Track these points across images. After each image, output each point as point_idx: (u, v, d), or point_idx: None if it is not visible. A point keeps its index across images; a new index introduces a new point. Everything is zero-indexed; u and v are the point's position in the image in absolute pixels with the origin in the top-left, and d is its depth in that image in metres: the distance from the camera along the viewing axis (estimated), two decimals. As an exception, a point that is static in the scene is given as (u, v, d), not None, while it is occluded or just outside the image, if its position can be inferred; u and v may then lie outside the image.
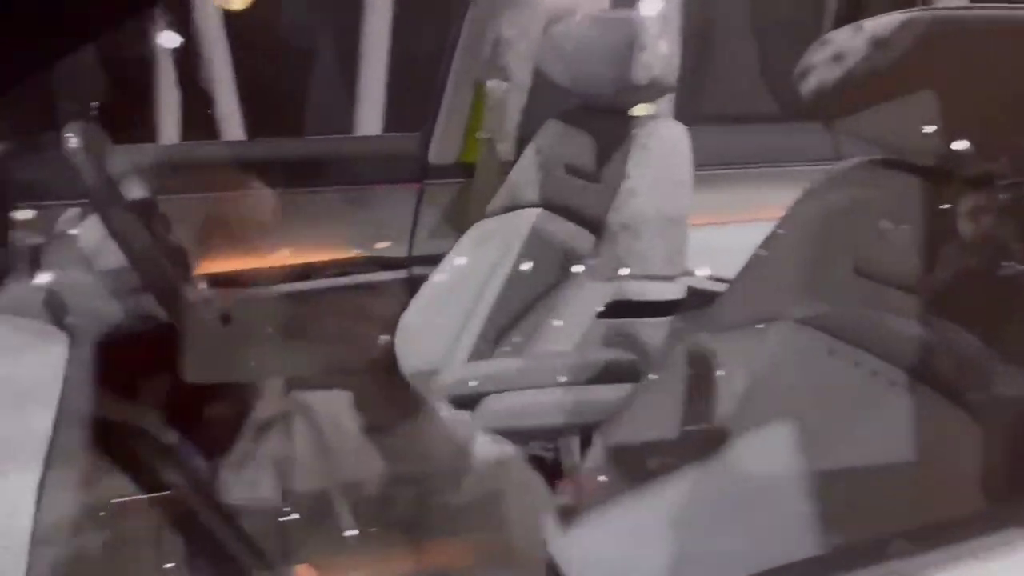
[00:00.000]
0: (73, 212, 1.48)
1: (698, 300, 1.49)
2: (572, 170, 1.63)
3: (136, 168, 1.42)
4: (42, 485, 0.84)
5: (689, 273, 1.53)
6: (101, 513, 1.08)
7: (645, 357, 1.40)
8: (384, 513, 1.27)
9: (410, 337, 1.79)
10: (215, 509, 1.17)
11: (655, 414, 1.25)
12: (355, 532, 1.19)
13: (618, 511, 1.13)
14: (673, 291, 1.44)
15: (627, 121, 1.51)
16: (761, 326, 1.08)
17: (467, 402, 1.28)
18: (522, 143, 1.84)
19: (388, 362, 1.82)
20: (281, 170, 1.81)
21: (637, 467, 1.14)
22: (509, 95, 1.92)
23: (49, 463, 0.90)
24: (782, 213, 1.10)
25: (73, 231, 1.29)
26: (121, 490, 1.13)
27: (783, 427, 1.00)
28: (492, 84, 1.90)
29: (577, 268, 1.51)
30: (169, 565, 1.08)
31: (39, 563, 0.77)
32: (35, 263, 1.25)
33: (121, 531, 1.09)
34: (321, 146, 2.04)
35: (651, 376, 1.32)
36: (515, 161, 1.80)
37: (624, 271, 1.42)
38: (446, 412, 1.32)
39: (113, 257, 1.22)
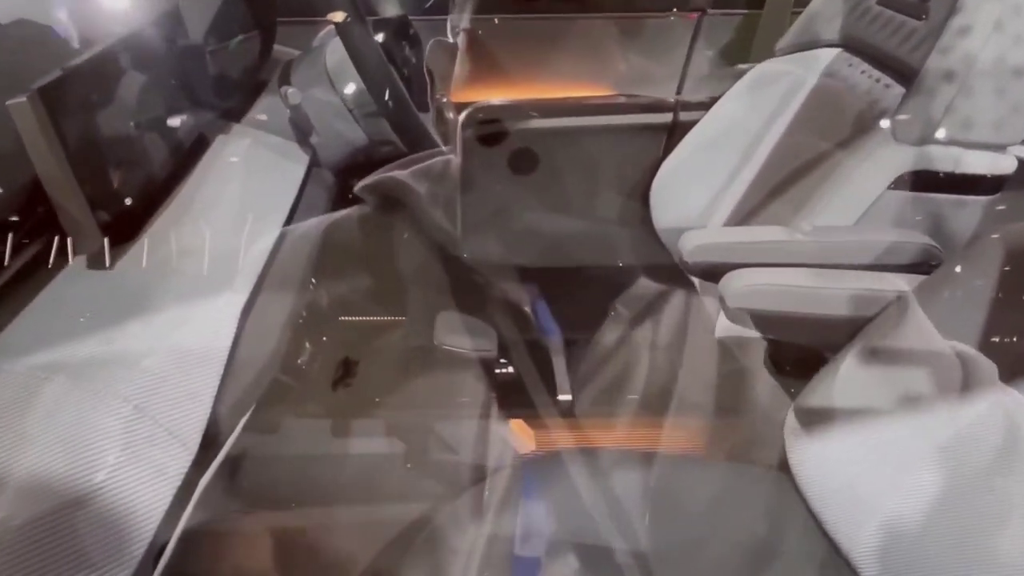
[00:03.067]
0: (331, 29, 1.45)
1: (1028, 178, 1.17)
2: (889, 2, 1.30)
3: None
4: (247, 311, 0.84)
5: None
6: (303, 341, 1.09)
7: (946, 243, 1.12)
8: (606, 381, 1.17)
9: (667, 190, 1.62)
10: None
11: (946, 317, 1.00)
12: (568, 397, 1.11)
13: (871, 429, 0.94)
14: (999, 165, 1.13)
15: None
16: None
17: (712, 272, 1.11)
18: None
19: (643, 214, 1.67)
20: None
21: (903, 382, 0.92)
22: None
23: (259, 288, 0.90)
24: None
25: (323, 48, 1.26)
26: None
27: None
28: None
29: (875, 125, 1.23)
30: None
31: (233, 385, 0.77)
32: (285, 78, 1.24)
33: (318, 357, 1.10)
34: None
35: (949, 268, 1.06)
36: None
37: (939, 132, 1.12)
38: (693, 279, 1.17)
39: (355, 78, 1.17)
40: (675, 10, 1.71)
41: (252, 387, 0.81)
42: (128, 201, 0.83)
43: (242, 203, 0.98)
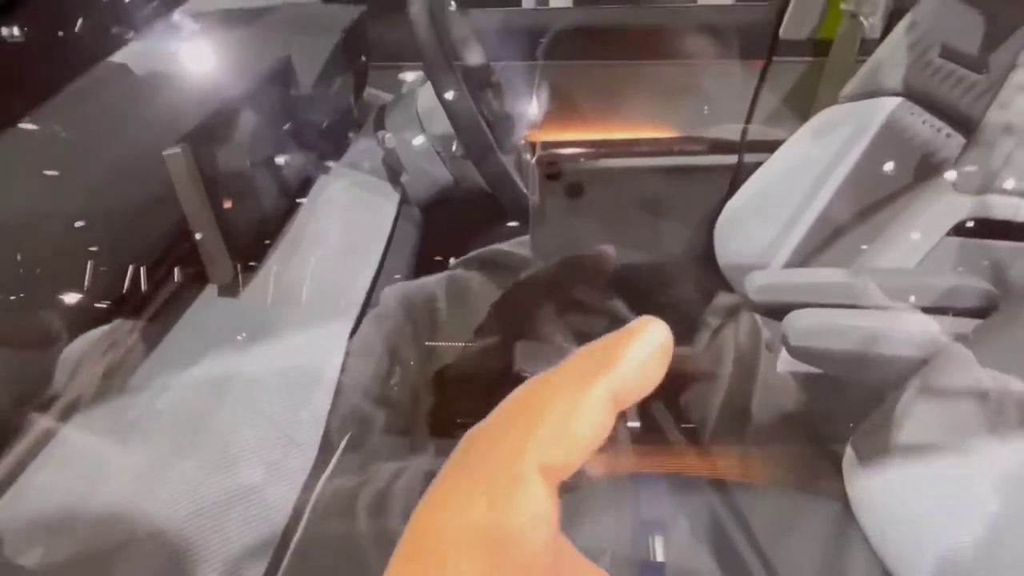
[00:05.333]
0: (420, 75, 1.57)
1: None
2: (950, 54, 1.36)
3: (476, 33, 1.44)
4: (353, 334, 0.93)
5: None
6: (410, 362, 1.18)
7: (1004, 289, 1.17)
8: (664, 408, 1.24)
9: (731, 228, 1.68)
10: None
11: (1002, 358, 1.05)
12: (636, 424, 1.17)
13: (931, 465, 0.98)
14: (1057, 214, 1.17)
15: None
16: None
17: (775, 311, 1.18)
18: (893, 19, 1.58)
19: (706, 252, 1.74)
20: (616, 40, 1.74)
21: (960, 418, 0.97)
22: (886, -41, 1.64)
23: (362, 315, 1.00)
24: None
25: (414, 94, 1.36)
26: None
27: None
28: (867, -54, 1.63)
29: (935, 174, 1.28)
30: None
31: (342, 407, 0.86)
32: (379, 122, 1.35)
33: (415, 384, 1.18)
34: (660, 15, 1.93)
35: (1006, 312, 1.11)
36: (880, 40, 1.55)
37: (998, 183, 1.17)
38: (756, 317, 1.23)
39: (444, 121, 1.27)
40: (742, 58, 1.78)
41: (358, 404, 0.91)
42: (251, 237, 0.93)
43: (344, 238, 1.08)
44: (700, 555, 1.06)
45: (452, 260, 1.41)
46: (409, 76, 1.50)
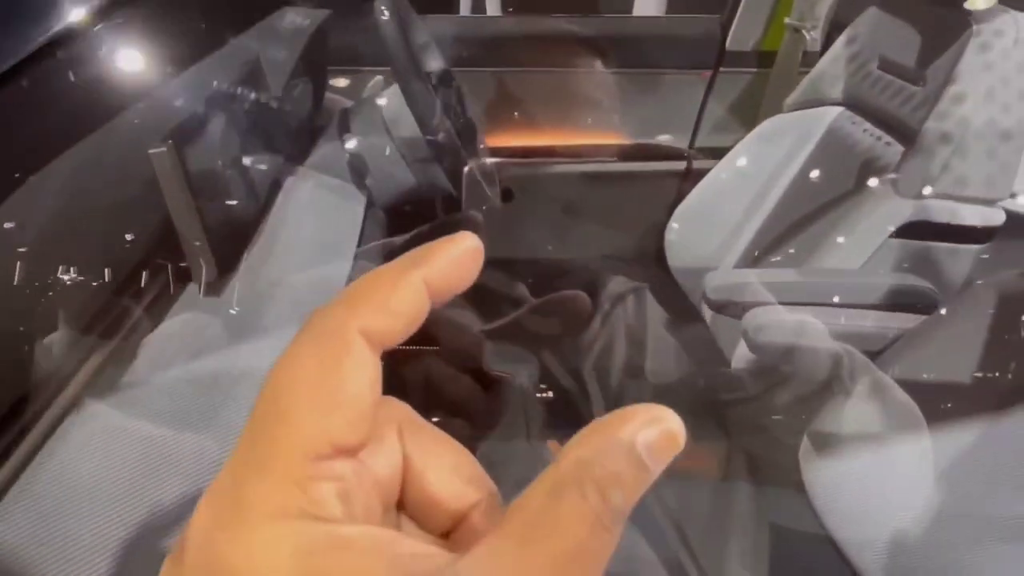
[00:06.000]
0: (379, 79, 1.58)
1: (1018, 230, 1.30)
2: (888, 66, 1.44)
3: (436, 39, 1.46)
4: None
5: (1012, 196, 1.32)
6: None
7: (942, 288, 1.24)
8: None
9: (682, 232, 1.74)
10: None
11: (943, 354, 1.12)
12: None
13: (881, 451, 1.05)
14: (990, 217, 1.26)
15: (964, 14, 1.29)
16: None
17: (732, 310, 1.23)
18: (834, 32, 1.66)
19: (657, 254, 1.79)
20: (568, 49, 1.79)
21: (908, 410, 1.04)
22: (826, -24, 1.73)
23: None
24: None
25: (377, 98, 1.38)
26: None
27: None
28: (808, -37, 1.72)
29: (877, 180, 1.36)
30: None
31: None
32: (343, 126, 1.36)
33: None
34: (610, 25, 1.98)
35: (945, 310, 1.18)
36: (822, 52, 1.63)
37: (936, 188, 1.25)
38: (710, 314, 1.28)
39: (410, 126, 1.29)
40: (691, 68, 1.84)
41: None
42: (230, 236, 0.94)
43: (318, 238, 1.09)
44: (658, 547, 1.10)
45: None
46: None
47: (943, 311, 1.17)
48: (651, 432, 0.20)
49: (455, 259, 0.23)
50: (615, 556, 0.20)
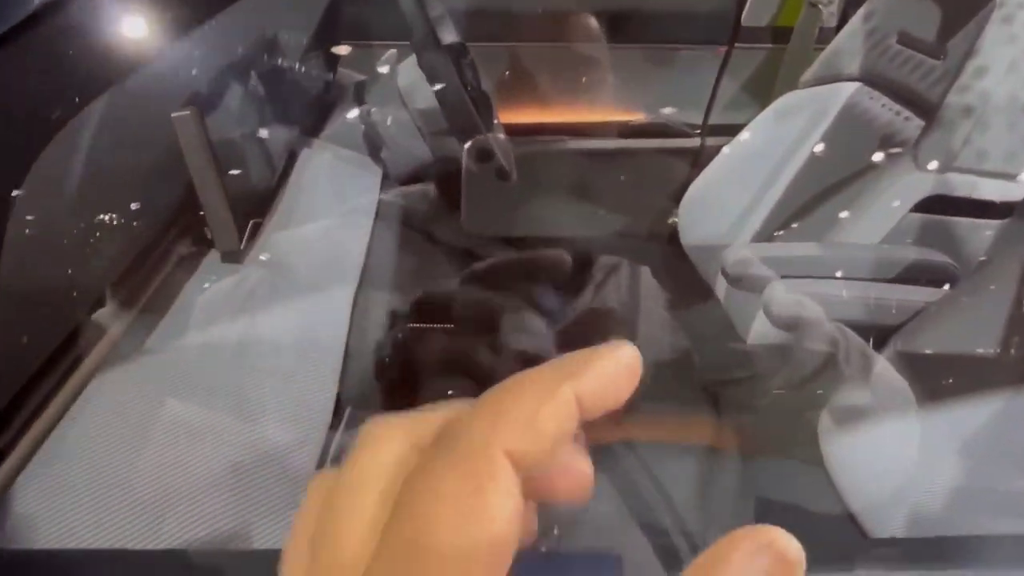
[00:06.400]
0: (393, 52, 1.56)
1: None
2: (907, 40, 1.43)
3: (451, 13, 1.45)
4: (355, 301, 0.94)
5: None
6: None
7: (961, 262, 1.24)
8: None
9: (695, 209, 1.73)
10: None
11: (962, 328, 1.11)
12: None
13: (900, 425, 1.04)
14: (1010, 192, 1.25)
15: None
16: None
17: (750, 284, 1.22)
18: (849, 9, 1.65)
19: (669, 232, 1.78)
20: (579, 23, 1.77)
21: (930, 382, 1.03)
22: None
23: (362, 281, 1.00)
24: None
25: (393, 70, 1.37)
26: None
27: None
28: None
29: (896, 154, 1.35)
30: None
31: (353, 368, 0.86)
32: (359, 99, 1.35)
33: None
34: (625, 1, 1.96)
35: (965, 284, 1.18)
36: (838, 29, 1.62)
37: (957, 162, 1.24)
38: (724, 290, 1.28)
39: (425, 98, 1.28)
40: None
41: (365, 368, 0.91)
42: (250, 205, 0.93)
43: (335, 208, 1.09)
44: (669, 521, 1.09)
45: None
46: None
47: (962, 286, 1.16)
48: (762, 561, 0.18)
49: (612, 375, 0.20)
50: (601, 525, 0.19)
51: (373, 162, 1.31)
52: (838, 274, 1.20)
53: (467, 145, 1.51)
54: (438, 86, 1.17)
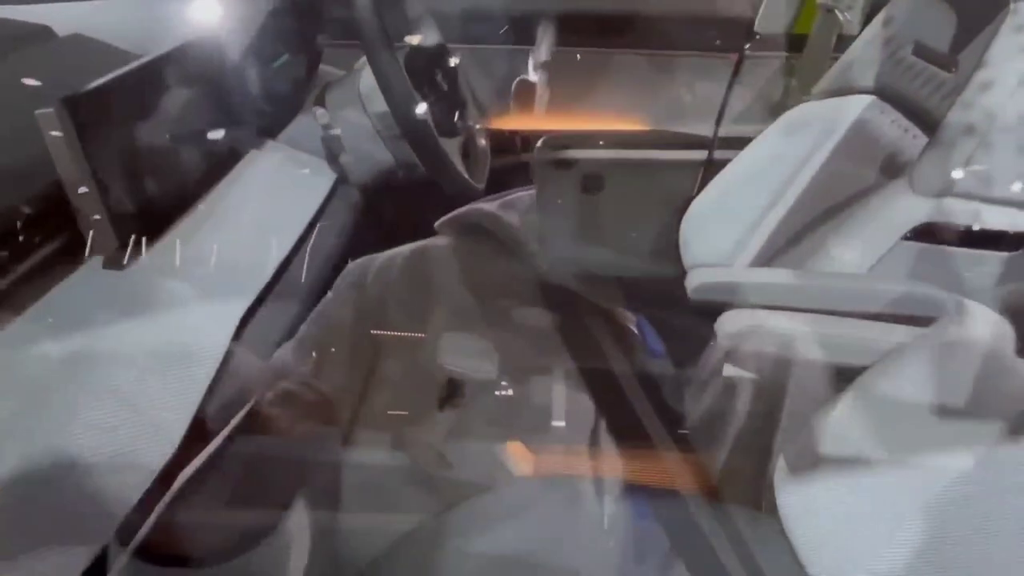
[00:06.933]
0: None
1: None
2: (922, 51, 1.30)
3: (432, 13, 1.40)
4: (249, 316, 0.89)
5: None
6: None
7: (957, 298, 1.11)
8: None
9: (696, 228, 1.63)
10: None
11: (948, 372, 0.99)
12: (562, 423, 1.13)
13: (862, 478, 0.93)
14: (1019, 221, 1.11)
15: (1007, -8, 1.15)
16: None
17: (716, 311, 1.12)
18: (870, 16, 1.52)
19: (671, 250, 1.68)
20: (583, 27, 1.69)
21: (895, 434, 0.92)
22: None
23: (266, 296, 0.95)
24: None
25: (356, 72, 1.32)
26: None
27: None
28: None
29: (900, 175, 1.22)
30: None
31: (224, 387, 0.81)
32: (320, 99, 1.30)
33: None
34: (630, 3, 1.86)
35: (955, 323, 1.05)
36: (856, 36, 1.49)
37: (958, 186, 1.12)
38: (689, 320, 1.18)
39: (383, 101, 1.22)
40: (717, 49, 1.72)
41: (246, 390, 0.86)
42: (149, 209, 0.89)
43: (261, 216, 1.04)
44: (613, 564, 1.01)
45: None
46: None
47: (951, 326, 1.04)
48: None
49: None
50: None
51: (329, 167, 1.26)
52: (812, 305, 1.09)
53: (539, 144, 1.45)
54: (384, 87, 1.11)
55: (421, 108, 1.14)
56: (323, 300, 1.20)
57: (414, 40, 1.36)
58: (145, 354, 0.74)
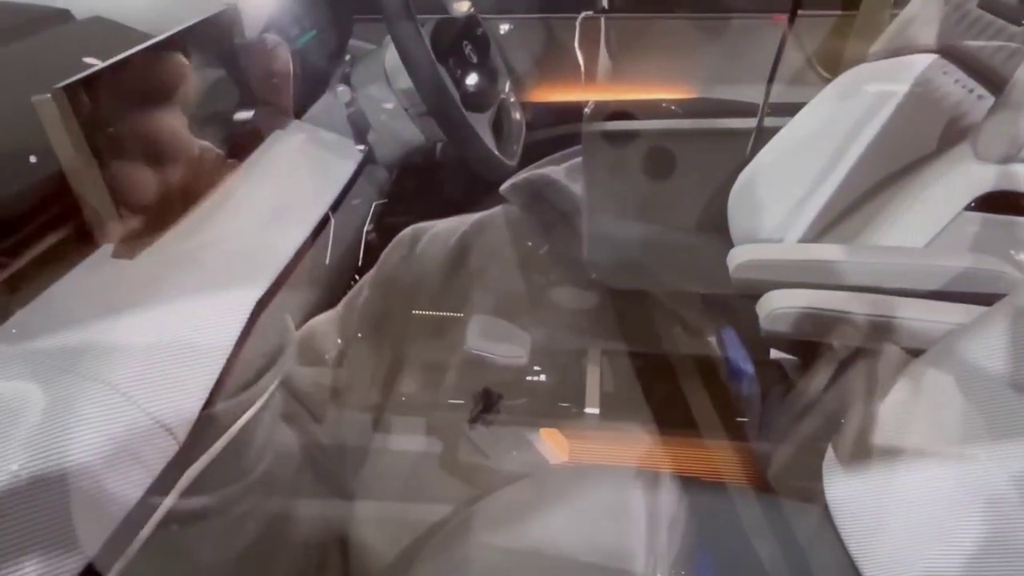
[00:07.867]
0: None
1: None
2: (988, 3, 1.19)
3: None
4: (261, 304, 0.86)
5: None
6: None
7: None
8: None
9: (745, 200, 1.55)
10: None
11: (1011, 354, 0.91)
12: (596, 411, 1.08)
13: (918, 467, 0.86)
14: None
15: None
16: None
17: (758, 290, 1.05)
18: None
19: (719, 222, 1.61)
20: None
21: (951, 423, 0.84)
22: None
23: (285, 279, 0.92)
24: None
25: (383, 48, 1.27)
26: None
27: None
28: None
29: (963, 140, 1.13)
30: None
31: (230, 378, 0.79)
32: (345, 76, 1.26)
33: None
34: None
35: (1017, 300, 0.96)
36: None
37: (1022, 152, 1.02)
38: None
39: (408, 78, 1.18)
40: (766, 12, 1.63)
41: (260, 381, 0.83)
42: (162, 196, 0.86)
43: (280, 199, 1.00)
44: (660, 554, 0.97)
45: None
46: None
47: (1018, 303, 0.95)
48: None
49: None
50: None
51: (356, 146, 1.22)
52: (864, 284, 1.01)
53: (586, 112, 1.39)
54: (407, 60, 1.06)
55: (447, 82, 1.09)
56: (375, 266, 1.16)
57: (463, 7, 1.31)
58: (149, 348, 0.72)
